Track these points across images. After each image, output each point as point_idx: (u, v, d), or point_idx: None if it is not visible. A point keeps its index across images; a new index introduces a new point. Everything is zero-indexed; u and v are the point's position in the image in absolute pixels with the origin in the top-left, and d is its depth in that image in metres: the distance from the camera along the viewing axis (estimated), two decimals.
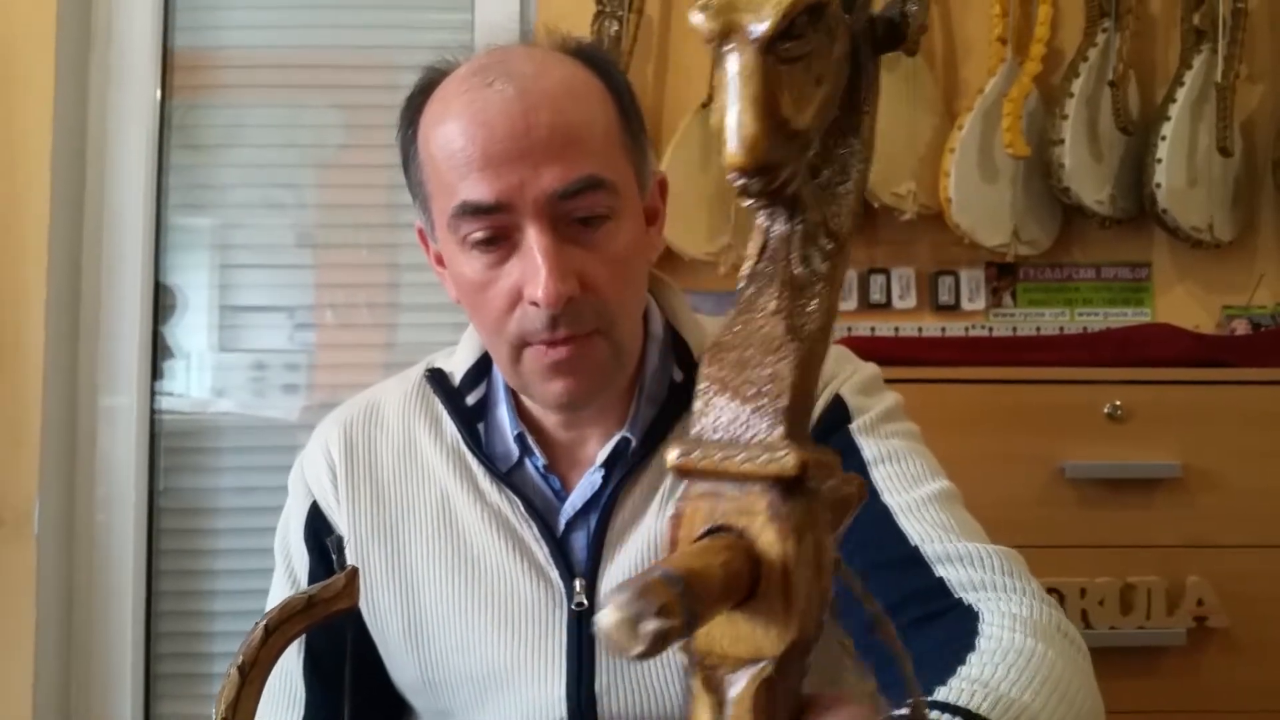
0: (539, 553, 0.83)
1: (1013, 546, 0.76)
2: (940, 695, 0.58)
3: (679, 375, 0.86)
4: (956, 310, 1.87)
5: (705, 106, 1.79)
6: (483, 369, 0.89)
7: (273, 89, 1.94)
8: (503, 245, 0.77)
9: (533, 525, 0.83)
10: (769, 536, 0.32)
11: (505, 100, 0.74)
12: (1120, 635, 1.46)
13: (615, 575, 0.82)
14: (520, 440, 0.86)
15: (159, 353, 1.89)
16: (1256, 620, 1.48)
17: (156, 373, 1.88)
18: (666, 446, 0.86)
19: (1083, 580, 1.47)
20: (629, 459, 0.84)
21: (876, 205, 1.79)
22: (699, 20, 0.33)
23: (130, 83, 1.86)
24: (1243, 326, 1.79)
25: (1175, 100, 1.79)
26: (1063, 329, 1.87)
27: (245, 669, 0.58)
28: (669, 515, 0.32)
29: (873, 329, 1.84)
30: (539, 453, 0.85)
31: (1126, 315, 1.87)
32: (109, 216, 1.84)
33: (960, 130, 1.78)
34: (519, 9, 1.89)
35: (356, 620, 0.86)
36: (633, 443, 0.84)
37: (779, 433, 0.33)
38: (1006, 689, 0.59)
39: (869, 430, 0.83)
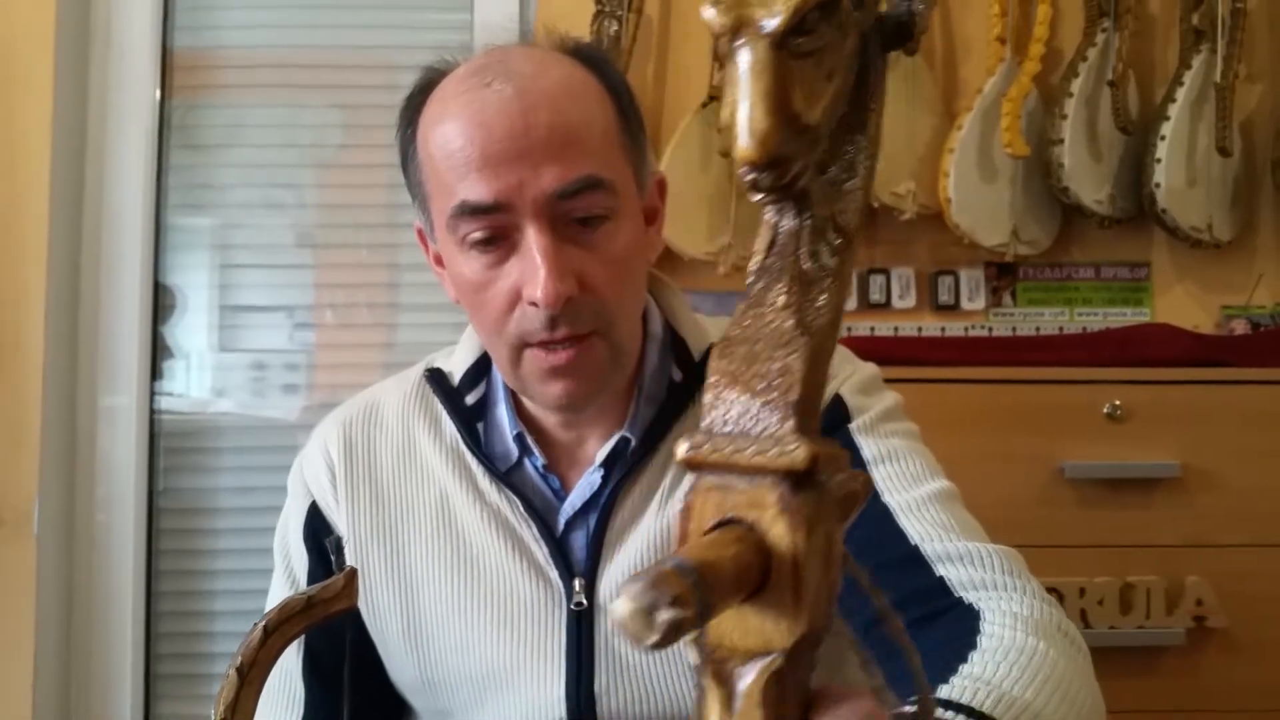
0: (538, 552, 0.83)
1: (1012, 546, 0.76)
2: (943, 693, 0.58)
3: (678, 375, 0.86)
4: (956, 310, 1.87)
5: (705, 106, 1.79)
6: (482, 369, 0.89)
7: (272, 89, 1.93)
8: (502, 245, 0.77)
9: (532, 525, 0.83)
10: (779, 529, 0.32)
11: (504, 100, 0.74)
12: (1119, 635, 1.46)
13: (614, 575, 0.82)
14: (519, 440, 0.86)
15: (159, 353, 1.89)
16: (1255, 620, 1.48)
17: (156, 373, 1.88)
18: (668, 444, 0.86)
19: (1082, 580, 1.47)
20: (628, 458, 0.84)
21: (876, 205, 1.79)
22: (710, 15, 0.33)
23: (130, 83, 1.85)
24: (1242, 326, 1.78)
25: (1174, 100, 1.79)
26: (1062, 329, 1.87)
27: (244, 670, 0.58)
28: (678, 508, 0.32)
29: (872, 329, 1.84)
30: (538, 452, 0.85)
31: (1126, 315, 1.87)
32: (109, 216, 1.84)
33: (959, 130, 1.78)
34: (518, 9, 1.89)
35: (356, 620, 0.86)
36: (632, 442, 0.84)
37: (789, 426, 0.33)
38: (1009, 687, 0.59)
39: (869, 430, 0.83)
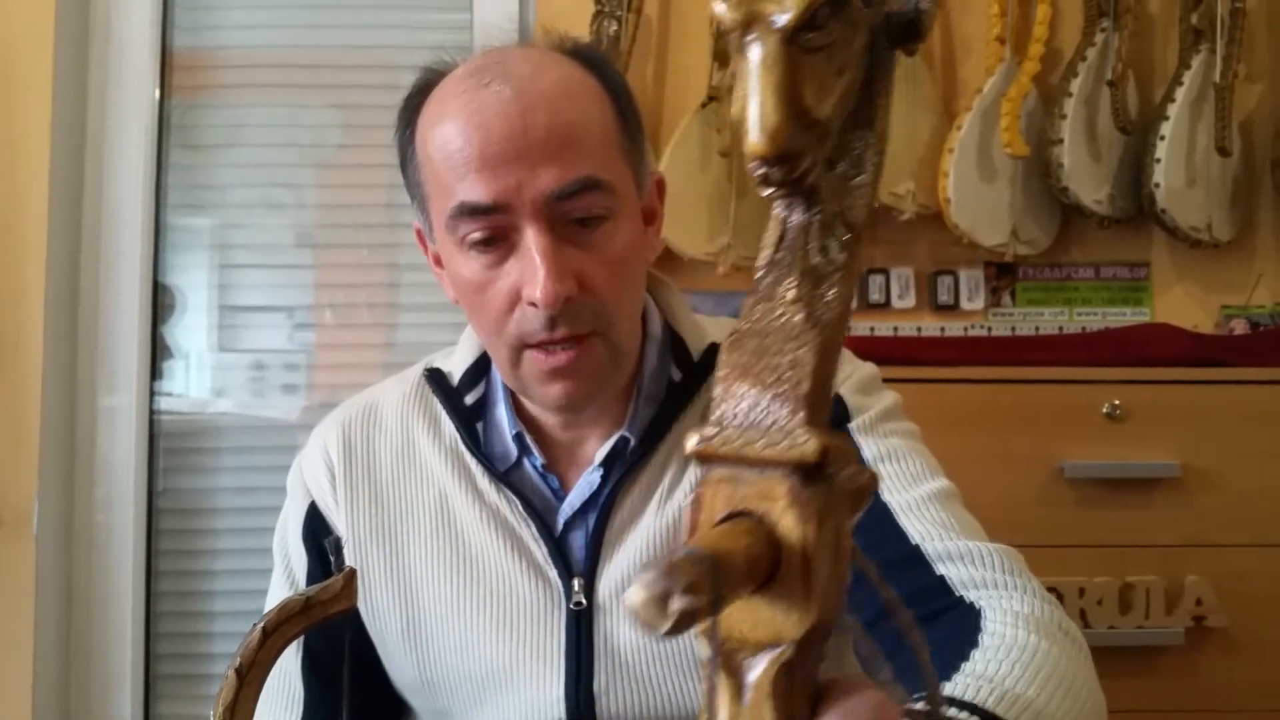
0: (537, 552, 0.83)
1: (1012, 546, 0.76)
2: (946, 691, 0.58)
3: (677, 375, 0.86)
4: (955, 310, 1.87)
5: (705, 106, 1.79)
6: (481, 369, 0.89)
7: (272, 89, 1.93)
8: (501, 246, 0.77)
9: (531, 525, 0.83)
10: (789, 521, 0.32)
11: (502, 101, 0.74)
12: (1119, 635, 1.46)
13: (614, 574, 0.82)
14: (519, 440, 0.86)
15: (158, 353, 1.89)
16: (1255, 620, 1.48)
17: (156, 373, 1.88)
18: (667, 444, 0.86)
19: (1081, 580, 1.47)
20: (627, 458, 0.84)
21: (875, 205, 1.79)
22: (721, 10, 0.33)
23: (129, 82, 1.86)
24: (1241, 326, 1.78)
25: (1174, 100, 1.79)
26: (1061, 329, 1.87)
27: (243, 671, 0.58)
28: (678, 507, 0.32)
29: (872, 329, 1.84)
30: (537, 452, 0.85)
31: (1125, 315, 1.87)
32: (108, 216, 1.84)
33: (959, 130, 1.78)
34: (518, 9, 1.89)
35: (355, 620, 0.86)
36: (631, 442, 0.84)
37: (800, 419, 0.33)
38: (1011, 684, 0.59)
39: (868, 429, 0.83)
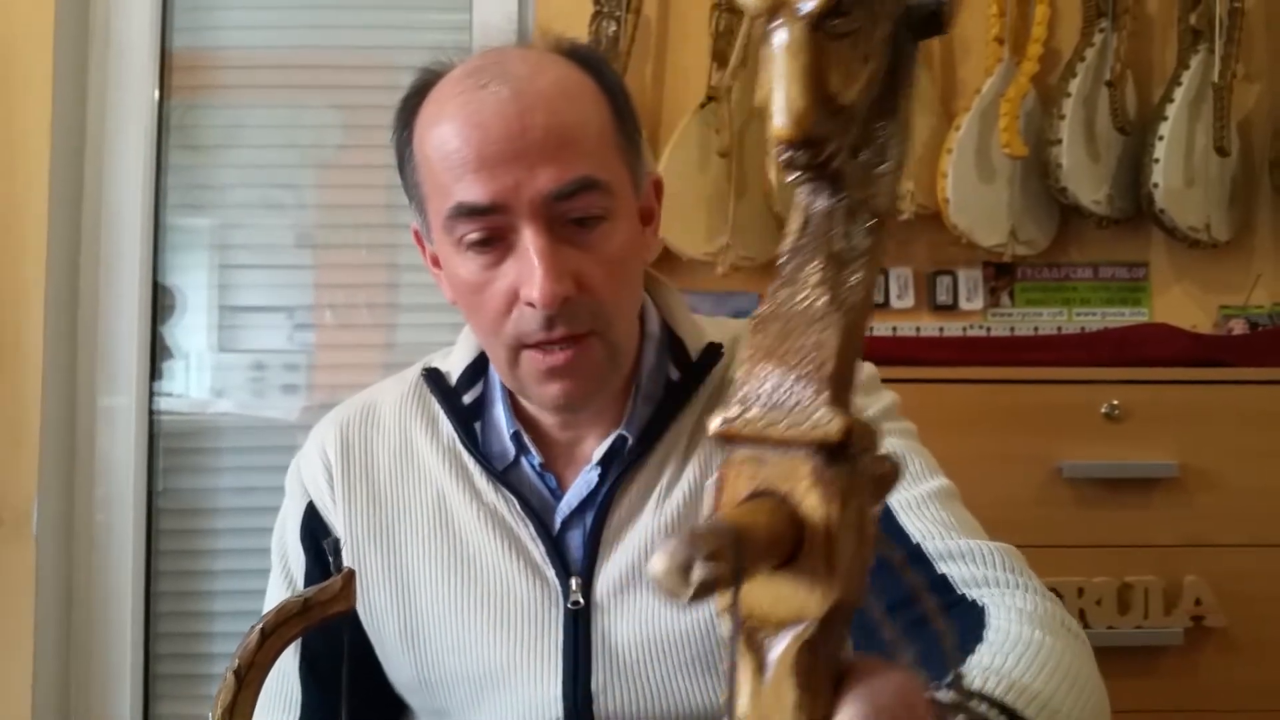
0: (535, 551, 0.83)
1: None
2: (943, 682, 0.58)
3: (675, 374, 0.86)
4: (954, 310, 1.87)
5: (704, 107, 1.79)
6: (479, 368, 0.89)
7: (271, 89, 1.94)
8: (498, 246, 0.77)
9: (529, 524, 0.83)
10: (812, 501, 0.32)
11: (500, 102, 0.75)
12: (1118, 635, 1.46)
13: (611, 573, 0.82)
14: (516, 439, 0.86)
15: (158, 353, 1.89)
16: (1254, 619, 1.48)
17: (156, 373, 1.88)
18: (665, 443, 0.86)
19: (1080, 580, 1.47)
20: (625, 457, 0.84)
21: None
22: None
23: (129, 83, 1.86)
24: (1240, 326, 1.79)
25: (1172, 100, 1.79)
26: (1060, 329, 1.87)
27: (242, 673, 0.58)
28: (712, 480, 0.32)
29: (870, 329, 1.83)
30: (535, 451, 0.85)
31: (1124, 315, 1.87)
32: (108, 216, 1.84)
33: (957, 131, 1.78)
34: (517, 9, 1.89)
35: (353, 621, 0.86)
36: (629, 441, 0.84)
37: (823, 399, 0.33)
38: (1019, 675, 0.59)
39: None
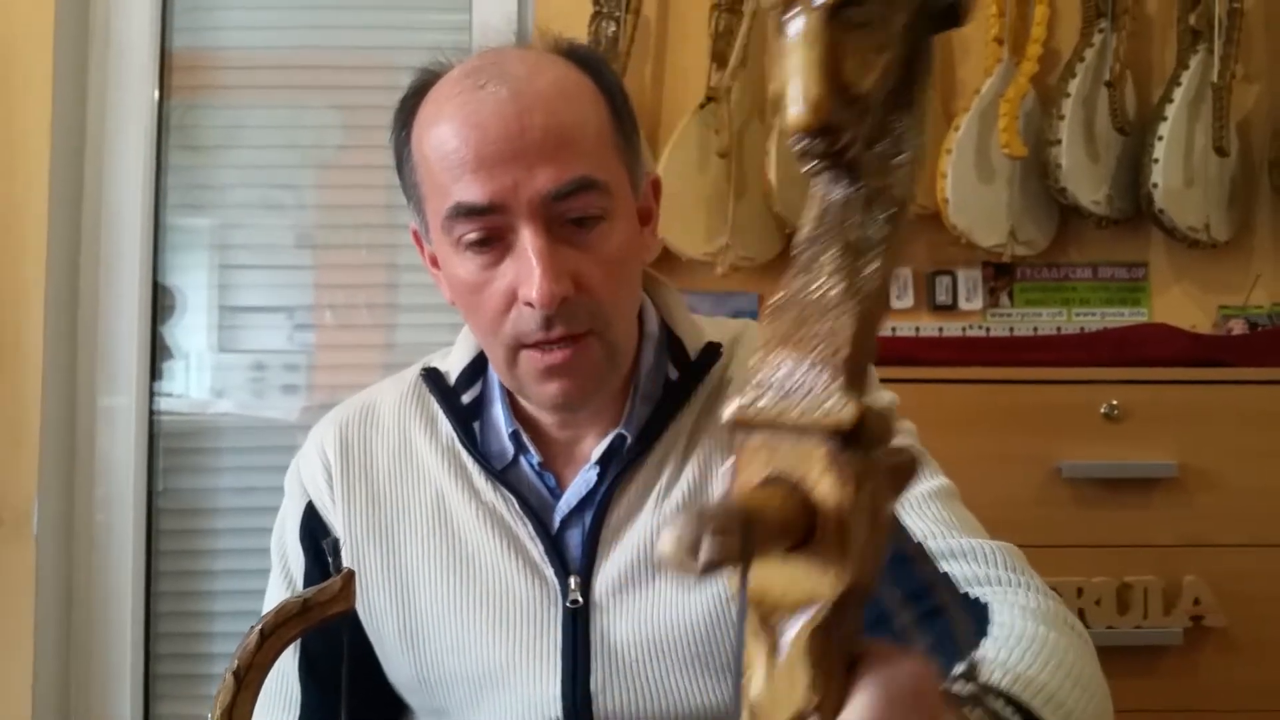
0: (534, 550, 0.83)
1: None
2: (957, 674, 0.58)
3: (674, 374, 0.86)
4: (954, 310, 1.87)
5: (703, 107, 1.79)
6: (478, 368, 0.89)
7: (271, 90, 1.94)
8: (497, 246, 0.77)
9: (527, 523, 0.84)
10: (826, 485, 0.33)
11: (498, 102, 0.75)
12: (1117, 634, 1.46)
13: (610, 572, 0.82)
14: (515, 438, 0.86)
15: (158, 353, 1.89)
16: (1253, 619, 1.48)
17: (156, 373, 1.88)
18: (664, 443, 0.86)
19: (1079, 580, 1.47)
20: (624, 456, 0.84)
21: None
22: None
23: (129, 83, 1.86)
24: (1239, 326, 1.79)
25: (1172, 100, 1.79)
26: (1060, 329, 1.87)
27: (241, 674, 0.58)
28: (726, 466, 0.32)
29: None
30: (534, 450, 0.85)
31: (1123, 315, 1.87)
32: (108, 217, 1.85)
33: (957, 131, 1.78)
34: (516, 10, 1.89)
35: (352, 620, 0.86)
36: (628, 440, 0.84)
37: (837, 385, 0.33)
38: (1024, 669, 0.60)
39: None
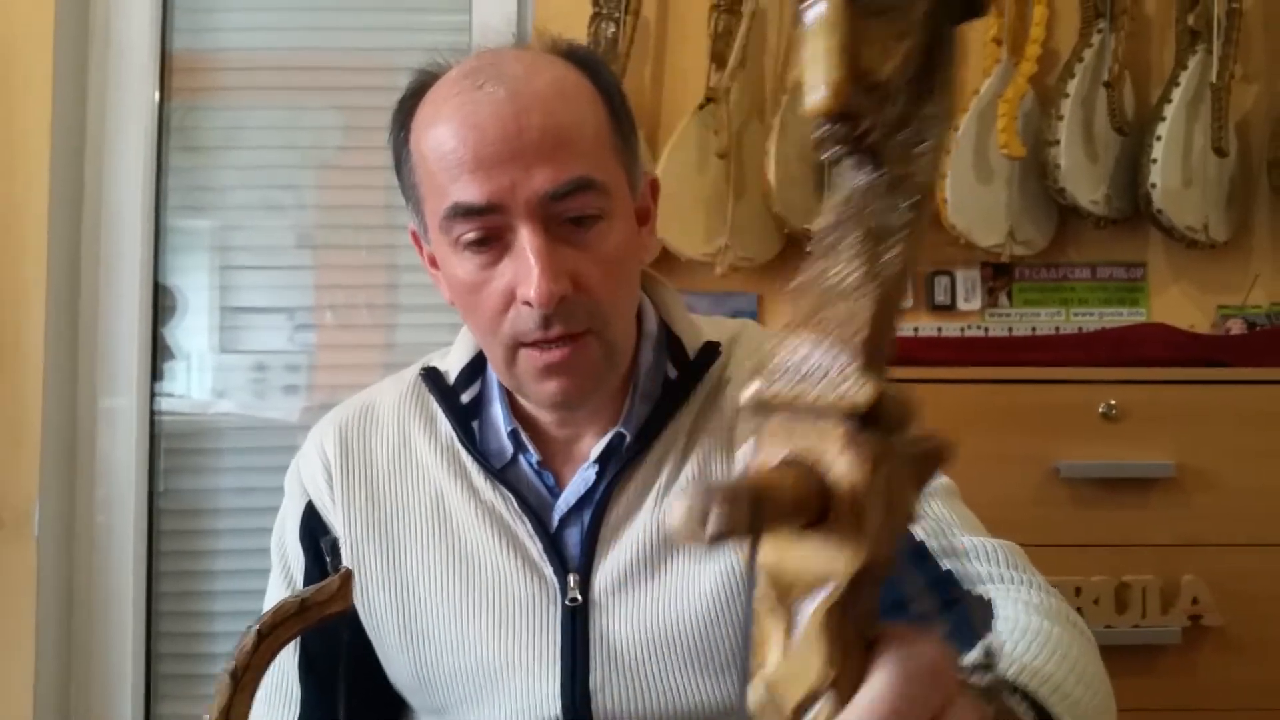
0: (533, 549, 0.84)
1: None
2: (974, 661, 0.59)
3: (673, 372, 0.87)
4: (952, 310, 1.88)
5: (702, 108, 1.79)
6: (477, 367, 0.89)
7: (272, 91, 1.94)
8: (495, 246, 0.77)
9: (526, 521, 0.84)
10: (842, 466, 0.33)
11: (496, 102, 0.75)
12: (1115, 634, 1.46)
13: (609, 570, 0.82)
14: (514, 437, 0.86)
15: (159, 354, 1.89)
16: (1252, 619, 1.48)
17: (156, 374, 1.89)
18: (663, 441, 0.86)
19: (1078, 579, 1.47)
20: (623, 454, 0.84)
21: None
22: None
23: (129, 84, 1.86)
24: (1238, 326, 1.79)
25: (1170, 101, 1.79)
26: (1058, 329, 1.87)
27: (238, 674, 0.58)
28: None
29: None
30: (533, 449, 0.86)
31: (1122, 315, 1.87)
32: (108, 217, 1.85)
33: (955, 131, 1.78)
34: (516, 11, 1.89)
35: (352, 619, 0.87)
36: (627, 438, 0.84)
37: (855, 367, 0.33)
38: (1030, 660, 0.60)
39: None
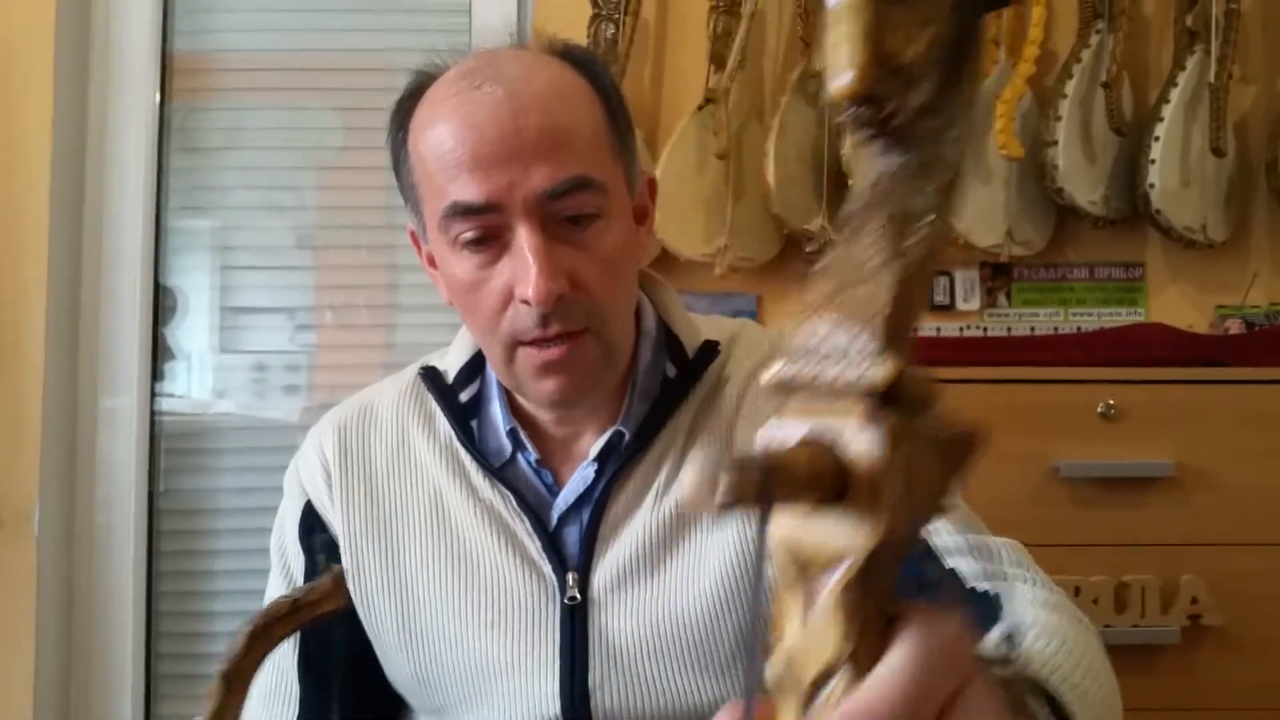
0: (531, 547, 0.84)
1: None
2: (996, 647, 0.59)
3: (672, 371, 0.87)
4: (951, 310, 1.88)
5: (702, 109, 1.80)
6: (476, 366, 0.89)
7: (272, 91, 1.95)
8: (493, 245, 0.77)
9: (525, 520, 0.84)
10: (860, 443, 0.33)
11: (494, 102, 0.75)
12: (1115, 634, 1.46)
13: (608, 569, 0.82)
14: (513, 436, 0.86)
15: (159, 354, 1.90)
16: (1251, 618, 1.48)
17: (157, 374, 1.89)
18: (662, 440, 0.86)
19: (1077, 579, 1.47)
20: (622, 453, 0.84)
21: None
22: None
23: (129, 85, 1.87)
24: (1236, 326, 1.79)
25: (1168, 101, 1.80)
26: (1057, 329, 1.87)
27: (230, 676, 0.57)
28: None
29: None
30: (531, 448, 0.86)
31: (1120, 315, 1.87)
32: (109, 218, 1.85)
33: None
34: (515, 12, 1.90)
35: (351, 619, 0.87)
36: (626, 437, 0.84)
37: (875, 346, 0.33)
38: (1039, 650, 0.60)
39: None
